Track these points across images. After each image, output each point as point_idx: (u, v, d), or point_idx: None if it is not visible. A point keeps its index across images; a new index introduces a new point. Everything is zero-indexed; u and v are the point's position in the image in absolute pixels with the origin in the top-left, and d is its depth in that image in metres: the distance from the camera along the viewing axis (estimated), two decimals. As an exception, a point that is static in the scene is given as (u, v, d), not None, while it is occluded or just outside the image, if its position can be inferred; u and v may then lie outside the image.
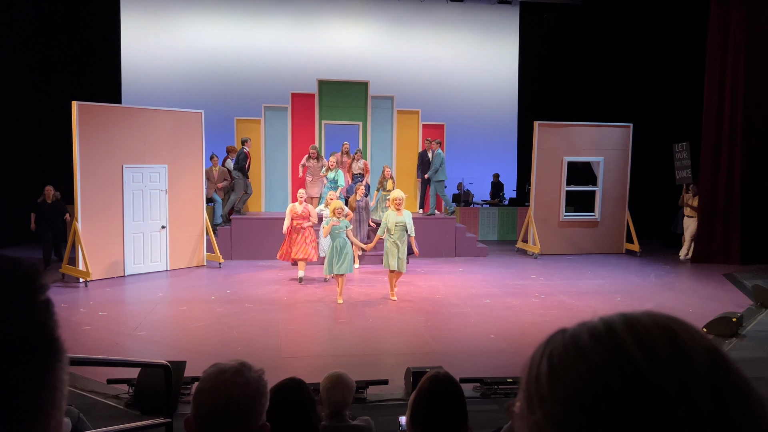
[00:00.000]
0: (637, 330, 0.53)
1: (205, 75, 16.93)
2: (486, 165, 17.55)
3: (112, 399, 5.55)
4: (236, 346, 7.03)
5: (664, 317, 0.56)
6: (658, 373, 0.49)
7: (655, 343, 0.52)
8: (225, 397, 1.53)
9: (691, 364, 0.51)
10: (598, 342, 0.53)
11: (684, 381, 0.49)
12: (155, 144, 10.94)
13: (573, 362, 0.53)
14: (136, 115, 10.84)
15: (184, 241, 11.46)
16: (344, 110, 13.70)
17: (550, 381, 0.54)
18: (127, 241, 10.65)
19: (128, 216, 10.62)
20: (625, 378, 0.50)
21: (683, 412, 0.48)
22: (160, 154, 11.02)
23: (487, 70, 18.33)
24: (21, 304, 0.61)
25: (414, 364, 5.95)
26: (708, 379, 0.50)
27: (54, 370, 0.63)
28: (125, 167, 10.53)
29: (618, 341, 0.52)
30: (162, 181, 11.05)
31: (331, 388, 3.17)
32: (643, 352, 0.51)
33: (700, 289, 10.38)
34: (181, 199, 11.32)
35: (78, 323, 7.70)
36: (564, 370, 0.53)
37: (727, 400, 0.50)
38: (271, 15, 17.31)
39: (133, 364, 5.35)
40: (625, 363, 0.50)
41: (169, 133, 11.16)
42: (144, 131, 10.77)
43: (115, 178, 10.45)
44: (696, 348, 0.52)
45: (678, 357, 0.51)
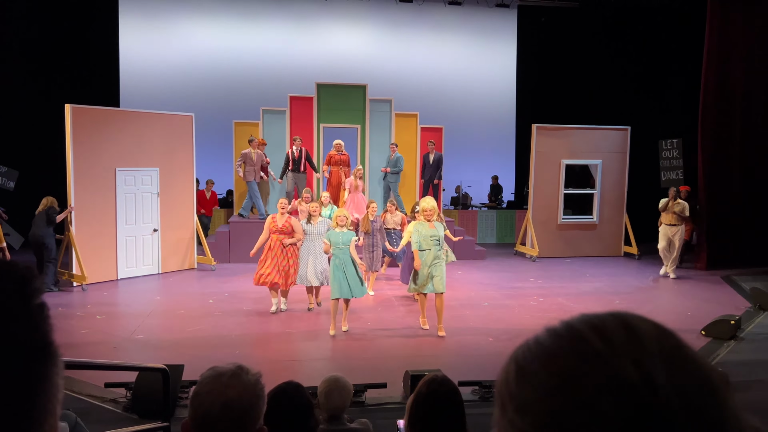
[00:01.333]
0: (592, 321, 0.57)
1: (204, 78, 16.93)
2: (484, 168, 17.57)
3: (109, 403, 5.54)
4: (234, 349, 7.01)
5: (620, 311, 0.59)
6: (612, 352, 0.53)
7: (608, 328, 0.55)
8: (222, 400, 1.52)
9: (642, 341, 0.54)
10: (557, 337, 0.57)
11: (637, 357, 0.52)
12: (147, 147, 10.96)
13: (536, 357, 0.56)
14: (129, 118, 10.92)
15: (176, 244, 11.46)
16: (342, 113, 13.70)
17: (517, 379, 0.57)
18: (120, 245, 10.65)
19: (121, 219, 10.62)
20: (583, 360, 0.53)
21: (641, 385, 0.51)
22: (152, 157, 11.04)
23: (485, 73, 18.35)
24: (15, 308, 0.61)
25: (412, 367, 5.94)
26: (660, 353, 0.53)
27: (48, 375, 0.62)
28: (118, 170, 10.54)
29: (575, 332, 0.56)
30: (154, 184, 11.08)
31: (329, 391, 3.16)
32: (598, 337, 0.55)
33: (698, 291, 10.39)
34: (172, 202, 11.35)
35: (76, 327, 7.68)
36: (529, 365, 0.56)
37: (680, 372, 0.53)
38: (269, 18, 17.33)
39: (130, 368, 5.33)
40: (582, 347, 0.54)
41: (161, 136, 11.19)
42: (136, 134, 10.78)
43: (109, 181, 10.47)
44: (646, 328, 0.56)
45: (630, 337, 0.54)
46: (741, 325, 8.03)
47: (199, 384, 1.59)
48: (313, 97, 13.63)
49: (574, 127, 13.89)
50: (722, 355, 7.13)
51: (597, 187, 13.81)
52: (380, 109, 13.89)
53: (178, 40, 16.98)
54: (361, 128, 13.77)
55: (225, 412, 1.51)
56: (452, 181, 16.57)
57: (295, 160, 12.66)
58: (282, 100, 13.80)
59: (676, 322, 8.56)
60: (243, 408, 1.53)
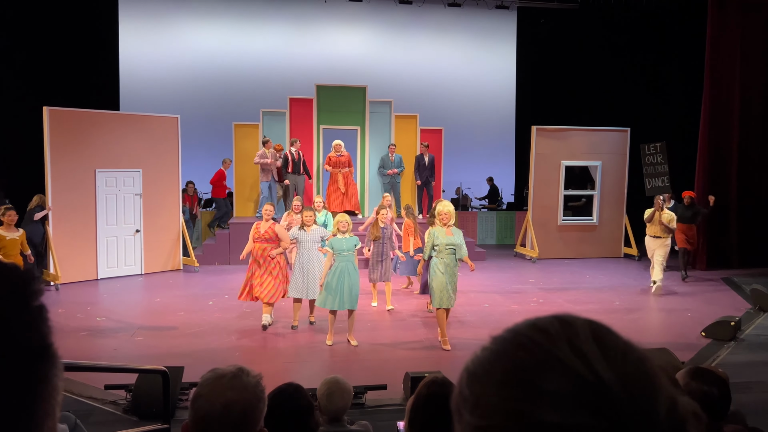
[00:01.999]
0: (530, 321, 0.62)
1: (203, 80, 16.95)
2: (484, 169, 17.57)
3: (109, 405, 5.53)
4: (234, 351, 7.01)
5: (560, 313, 0.64)
6: (549, 339, 0.58)
7: (544, 322, 0.61)
8: (222, 402, 1.52)
9: (575, 328, 0.60)
10: (501, 340, 0.62)
11: (571, 339, 0.58)
12: (130, 148, 11.11)
13: (484, 360, 0.61)
14: (110, 120, 11.11)
15: (160, 245, 11.55)
16: (342, 115, 13.71)
17: (468, 384, 0.61)
18: (101, 245, 10.81)
19: (101, 220, 10.78)
20: (525, 350, 0.58)
21: (578, 363, 0.56)
22: (134, 158, 11.19)
23: (484, 75, 18.36)
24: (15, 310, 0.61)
25: (412, 369, 5.94)
26: (592, 335, 0.59)
27: (48, 377, 0.62)
28: (98, 171, 10.73)
29: (515, 332, 0.61)
30: (136, 185, 11.21)
31: (330, 393, 3.16)
32: (536, 330, 0.60)
33: (698, 293, 10.38)
34: (156, 204, 11.47)
35: (77, 328, 7.68)
36: (478, 369, 0.61)
37: (612, 350, 0.58)
38: (269, 20, 17.34)
39: (130, 370, 5.33)
40: (523, 340, 0.59)
41: (145, 138, 11.31)
42: (118, 136, 10.96)
43: (88, 183, 10.66)
44: (578, 320, 0.61)
45: (563, 326, 0.60)
46: (741, 327, 8.03)
47: (200, 386, 1.59)
48: (312, 99, 13.63)
49: (573, 129, 13.89)
50: (722, 357, 7.13)
51: (597, 188, 13.81)
52: (380, 110, 13.89)
53: (177, 43, 16.99)
54: (361, 130, 13.77)
55: (225, 414, 1.51)
56: (452, 182, 16.57)
57: (295, 162, 12.66)
58: (282, 102, 13.80)
59: (676, 323, 8.55)
60: (243, 410, 1.54)
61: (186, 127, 16.53)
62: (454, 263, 6.98)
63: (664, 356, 6.04)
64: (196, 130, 16.76)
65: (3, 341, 0.59)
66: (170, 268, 11.67)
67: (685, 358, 6.68)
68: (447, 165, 14.41)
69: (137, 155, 11.24)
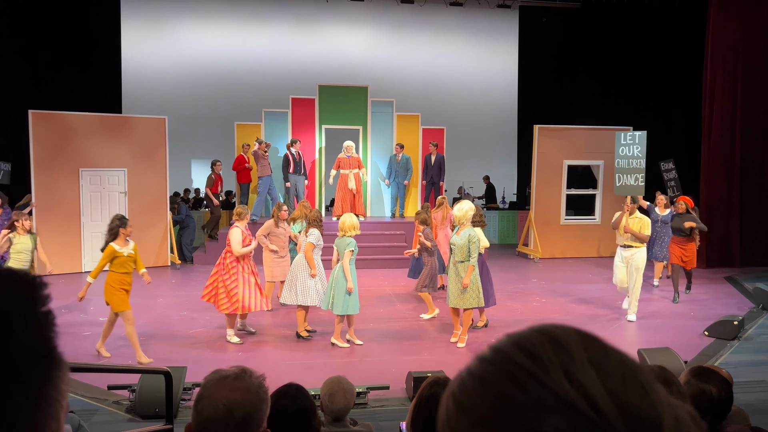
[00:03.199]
0: (518, 341, 0.56)
1: (206, 80, 16.97)
2: (486, 169, 17.57)
3: (112, 405, 5.55)
4: (237, 351, 7.02)
5: (542, 325, 0.58)
6: (543, 370, 0.52)
7: (535, 345, 0.55)
8: (225, 404, 1.52)
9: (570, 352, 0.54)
10: (488, 363, 0.56)
11: (567, 368, 0.52)
12: (114, 149, 11.61)
13: (471, 389, 0.55)
14: (95, 122, 11.64)
15: (146, 242, 11.67)
16: (344, 115, 13.71)
17: (456, 415, 0.55)
18: (86, 240, 11.31)
19: (86, 216, 11.40)
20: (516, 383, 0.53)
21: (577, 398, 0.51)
22: (119, 158, 11.68)
23: (486, 74, 18.36)
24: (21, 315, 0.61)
25: (415, 368, 5.94)
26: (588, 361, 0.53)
27: (53, 381, 0.63)
28: (82, 170, 11.34)
29: (504, 355, 0.55)
30: (121, 183, 11.70)
31: (331, 393, 3.16)
32: (527, 357, 0.54)
33: (701, 292, 10.36)
34: (143, 201, 11.83)
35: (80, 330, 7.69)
36: (465, 399, 0.55)
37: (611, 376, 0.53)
38: (271, 20, 17.35)
39: (133, 371, 5.35)
40: (514, 369, 0.54)
41: (131, 139, 11.76)
42: (103, 137, 11.52)
43: (72, 181, 11.29)
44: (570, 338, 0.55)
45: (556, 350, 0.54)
46: (744, 326, 8.01)
47: (203, 387, 1.59)
48: (314, 99, 13.64)
49: (576, 128, 13.88)
50: (725, 356, 7.12)
51: (599, 187, 13.80)
52: (382, 110, 13.89)
53: (179, 43, 17.01)
54: (363, 129, 13.78)
55: (228, 416, 1.51)
56: (454, 182, 16.58)
57: (296, 162, 12.66)
58: (284, 102, 13.81)
59: (679, 322, 8.54)
60: (246, 411, 1.54)
61: (188, 127, 16.62)
62: (458, 262, 7.13)
63: (667, 356, 6.04)
64: (198, 130, 16.80)
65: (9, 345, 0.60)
66: (157, 264, 11.92)
67: (688, 357, 6.67)
68: (449, 164, 14.41)
69: (123, 155, 11.73)
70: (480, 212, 7.79)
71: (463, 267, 7.11)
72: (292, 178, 12.65)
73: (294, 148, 12.72)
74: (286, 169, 12.70)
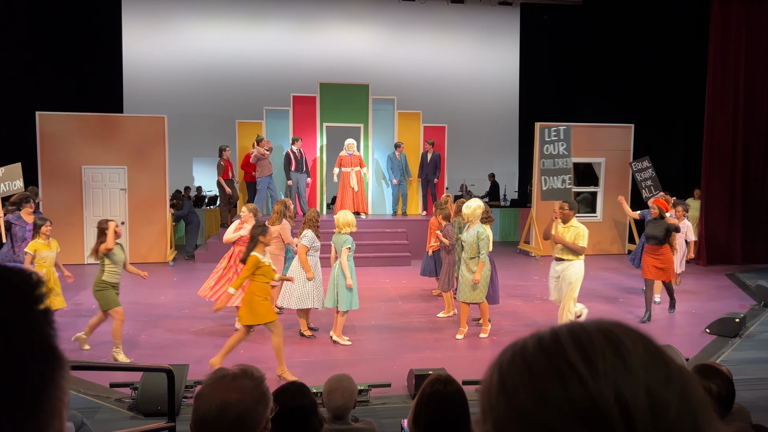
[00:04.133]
0: (579, 336, 0.54)
1: (207, 78, 16.97)
2: (487, 167, 17.56)
3: (115, 403, 5.56)
4: (239, 348, 7.02)
5: (608, 322, 0.56)
6: (595, 379, 0.50)
7: (595, 347, 0.52)
8: (218, 404, 1.51)
9: (629, 368, 0.51)
10: (542, 351, 0.54)
11: (620, 386, 0.50)
12: (116, 147, 12.03)
13: (518, 373, 0.54)
14: (97, 122, 12.09)
15: (146, 238, 12.18)
16: (345, 112, 13.71)
17: (497, 391, 0.55)
18: (87, 233, 11.66)
19: (88, 211, 11.94)
20: (562, 384, 0.51)
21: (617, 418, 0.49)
22: (120, 156, 12.07)
23: (488, 72, 18.33)
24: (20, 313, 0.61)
25: (416, 366, 5.95)
26: (645, 382, 0.51)
27: (54, 379, 0.63)
28: (85, 168, 11.91)
29: (560, 348, 0.53)
30: (121, 180, 12.11)
31: (330, 390, 3.16)
32: (582, 358, 0.52)
33: (702, 289, 10.35)
34: (142, 199, 12.13)
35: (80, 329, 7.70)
36: (510, 380, 0.55)
37: (662, 403, 0.51)
38: (272, 18, 17.34)
39: (135, 369, 5.35)
40: (565, 368, 0.52)
41: (131, 137, 12.12)
42: (104, 135, 11.99)
43: (75, 178, 11.86)
44: (635, 349, 0.53)
45: (616, 362, 0.52)
46: (746, 323, 8.01)
47: (203, 386, 1.60)
48: (316, 97, 13.63)
49: (577, 125, 13.85)
50: (727, 353, 7.12)
51: (600, 185, 13.79)
52: (383, 108, 13.89)
53: (180, 41, 17.01)
54: (364, 127, 13.78)
55: (220, 416, 1.51)
56: (455, 179, 16.58)
57: (298, 160, 12.65)
58: (285, 100, 13.81)
59: (681, 320, 8.54)
60: (239, 412, 1.52)
61: (189, 125, 16.62)
62: (468, 258, 7.27)
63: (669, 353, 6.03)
64: (199, 128, 16.81)
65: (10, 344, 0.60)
66: (157, 260, 12.11)
67: (690, 355, 6.67)
68: (450, 162, 14.41)
69: (123, 153, 12.08)
70: (487, 209, 7.77)
71: (474, 263, 7.23)
72: (294, 176, 12.64)
73: (295, 146, 12.72)
74: (287, 168, 12.69)
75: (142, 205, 12.08)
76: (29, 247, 6.94)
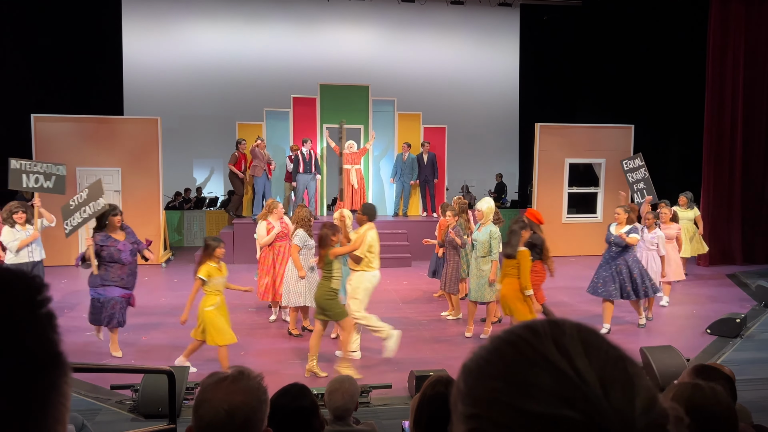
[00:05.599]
0: (527, 323, 0.66)
1: (207, 80, 16.98)
2: (488, 167, 17.56)
3: (116, 404, 5.55)
4: (239, 350, 7.02)
5: (555, 317, 0.69)
6: (538, 339, 0.62)
7: (536, 324, 0.65)
8: (226, 408, 1.51)
9: (563, 328, 0.64)
10: (497, 338, 0.66)
11: (557, 339, 0.62)
12: (110, 149, 12.07)
13: (479, 357, 0.65)
14: (91, 124, 12.19)
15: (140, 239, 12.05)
16: (346, 114, 13.71)
17: (465, 379, 0.65)
18: (81, 236, 11.36)
19: None
20: (515, 348, 0.63)
21: (561, 360, 0.60)
22: (114, 158, 12.10)
23: (488, 72, 18.34)
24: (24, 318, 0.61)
25: (417, 368, 5.95)
26: (578, 336, 0.63)
27: (57, 384, 0.63)
28: (78, 169, 11.85)
29: (510, 332, 0.66)
30: (115, 182, 12.09)
31: (331, 391, 3.17)
32: (527, 330, 0.64)
33: (703, 290, 10.35)
34: (136, 200, 12.13)
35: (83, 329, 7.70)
36: (473, 365, 0.65)
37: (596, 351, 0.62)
38: (272, 19, 17.35)
39: (136, 371, 5.35)
40: (515, 339, 0.64)
41: (126, 139, 12.17)
42: (99, 137, 12.05)
43: (69, 179, 11.50)
44: (568, 322, 0.65)
45: (552, 327, 0.64)
46: (746, 324, 8.00)
47: (203, 391, 1.58)
48: (316, 98, 13.64)
49: (577, 126, 13.87)
50: (728, 354, 7.11)
51: (601, 185, 13.79)
52: (383, 109, 13.89)
53: (180, 43, 17.01)
54: (365, 128, 13.78)
55: (229, 420, 1.51)
56: (455, 180, 16.58)
57: (306, 162, 12.62)
58: (285, 101, 13.81)
59: (681, 320, 8.53)
60: (248, 413, 1.53)
61: (189, 126, 16.64)
62: (480, 257, 7.29)
63: (669, 353, 6.04)
64: (199, 130, 16.82)
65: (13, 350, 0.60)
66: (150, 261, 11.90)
67: (691, 355, 6.66)
68: (450, 163, 14.40)
69: (117, 155, 12.12)
70: (496, 210, 7.76)
71: (485, 261, 7.26)
72: (302, 178, 12.58)
73: (305, 147, 12.67)
74: (295, 170, 12.62)
75: (136, 207, 12.00)
76: (202, 272, 5.95)
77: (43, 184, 8.13)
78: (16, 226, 7.40)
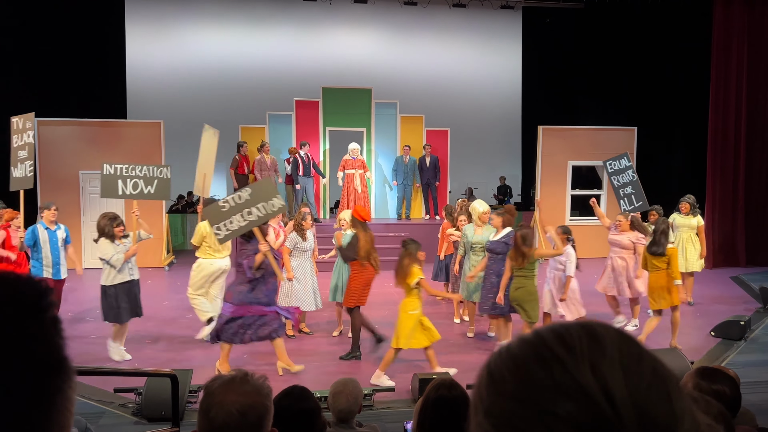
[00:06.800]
0: (558, 330, 0.60)
1: (210, 83, 17.00)
2: (491, 169, 17.55)
3: (119, 408, 5.56)
4: (242, 352, 7.02)
5: (591, 321, 0.62)
6: (573, 358, 0.56)
7: (572, 336, 0.58)
8: (238, 408, 1.52)
9: (603, 347, 0.57)
10: (525, 344, 0.60)
11: (595, 362, 0.55)
12: (113, 152, 11.87)
13: (505, 364, 0.60)
14: (94, 127, 12.34)
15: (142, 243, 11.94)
16: (348, 117, 13.73)
17: (487, 385, 0.61)
18: (85, 238, 11.72)
19: (86, 216, 12.09)
20: (544, 366, 0.56)
21: (596, 391, 0.54)
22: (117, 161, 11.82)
23: (490, 75, 18.34)
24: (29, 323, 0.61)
25: (421, 370, 5.93)
26: (619, 359, 0.56)
27: (62, 389, 0.63)
28: (82, 173, 12.10)
29: (541, 339, 0.59)
30: None
31: (335, 393, 3.16)
32: (561, 344, 0.58)
33: (706, 292, 10.32)
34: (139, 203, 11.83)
35: (88, 332, 7.71)
36: (497, 372, 0.60)
37: (637, 378, 0.55)
38: (274, 23, 17.38)
39: (139, 374, 5.36)
40: (546, 354, 0.57)
41: (129, 143, 12.24)
42: (102, 141, 12.17)
43: (73, 183, 12.04)
44: (609, 336, 0.59)
45: (591, 343, 0.57)
46: (750, 326, 7.98)
47: (209, 394, 1.58)
48: (318, 101, 13.66)
49: (580, 128, 13.85)
50: (732, 356, 7.09)
51: (603, 188, 13.78)
52: (386, 111, 13.90)
53: (183, 47, 17.05)
54: (367, 131, 13.79)
55: (242, 420, 1.51)
56: (458, 183, 16.57)
57: (305, 165, 12.65)
58: (288, 105, 13.83)
59: (685, 322, 8.50)
60: (259, 413, 1.54)
61: (192, 130, 16.63)
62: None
63: (673, 356, 6.02)
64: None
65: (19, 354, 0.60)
66: (153, 265, 12.11)
67: (695, 358, 6.65)
68: (453, 166, 14.40)
69: (120, 158, 11.81)
70: None
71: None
72: (302, 180, 12.62)
73: (303, 150, 12.70)
74: (295, 173, 12.66)
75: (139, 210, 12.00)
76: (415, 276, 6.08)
77: (144, 189, 7.29)
78: (115, 240, 6.67)
